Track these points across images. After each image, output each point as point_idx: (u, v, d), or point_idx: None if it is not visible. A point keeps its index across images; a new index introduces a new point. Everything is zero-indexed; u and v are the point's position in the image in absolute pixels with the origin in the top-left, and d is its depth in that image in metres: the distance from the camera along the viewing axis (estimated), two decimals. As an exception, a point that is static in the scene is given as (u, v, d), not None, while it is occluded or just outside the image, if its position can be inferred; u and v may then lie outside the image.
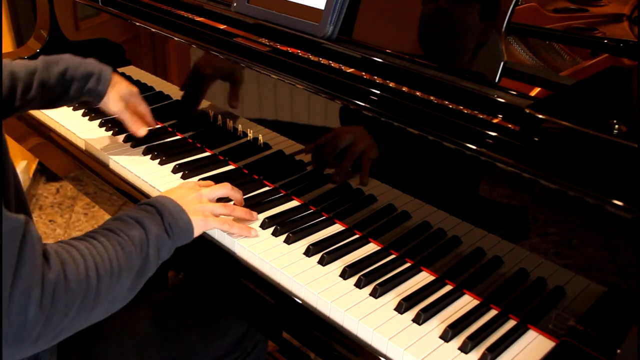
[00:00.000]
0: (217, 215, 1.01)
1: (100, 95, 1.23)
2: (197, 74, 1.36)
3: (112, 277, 0.79)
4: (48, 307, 0.69)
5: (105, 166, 1.31)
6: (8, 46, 2.60)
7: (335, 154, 1.09)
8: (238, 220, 1.06)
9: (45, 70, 1.19)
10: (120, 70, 1.59)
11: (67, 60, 1.22)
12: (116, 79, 1.26)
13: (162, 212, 0.91)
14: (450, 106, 0.95)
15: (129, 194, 1.24)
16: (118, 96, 1.24)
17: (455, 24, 0.99)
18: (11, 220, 0.67)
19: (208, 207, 1.00)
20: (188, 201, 0.98)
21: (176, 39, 1.36)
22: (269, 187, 1.22)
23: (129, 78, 1.57)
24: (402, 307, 0.89)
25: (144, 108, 1.32)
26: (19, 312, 0.66)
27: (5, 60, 1.21)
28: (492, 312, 0.91)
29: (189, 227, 0.95)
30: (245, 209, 1.07)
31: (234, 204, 1.08)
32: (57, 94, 1.22)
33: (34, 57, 1.74)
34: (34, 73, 1.19)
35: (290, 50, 1.19)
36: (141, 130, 1.27)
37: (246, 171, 1.27)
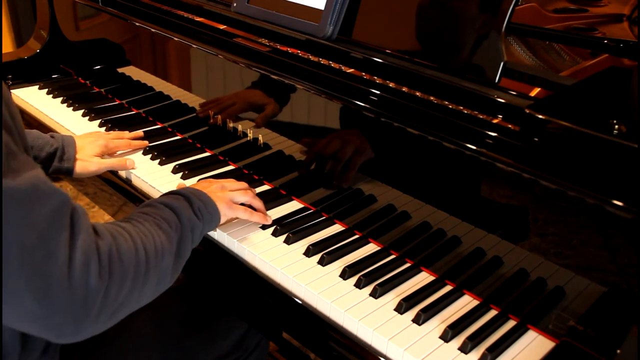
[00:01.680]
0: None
1: (69, 172, 1.18)
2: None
3: (157, 253, 0.80)
4: (106, 278, 0.69)
5: (105, 166, 1.31)
6: (8, 46, 2.60)
7: (335, 154, 1.09)
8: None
9: None
10: (120, 70, 1.59)
11: (33, 139, 1.15)
12: (80, 144, 1.21)
13: (190, 198, 0.94)
14: (450, 106, 0.95)
15: (129, 194, 1.24)
16: (90, 159, 1.20)
17: (455, 24, 0.99)
18: (59, 193, 0.67)
19: (230, 195, 1.04)
20: (211, 190, 1.01)
21: (176, 39, 1.36)
22: (269, 187, 1.22)
23: (128, 78, 1.57)
24: (402, 307, 0.89)
25: (121, 142, 1.30)
26: (81, 283, 0.66)
27: None
28: (492, 312, 0.91)
29: (217, 211, 0.98)
30: (261, 203, 1.10)
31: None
32: None
33: (34, 57, 1.74)
34: None
35: (290, 50, 1.19)
36: (129, 163, 1.25)
37: (246, 171, 1.27)
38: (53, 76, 1.75)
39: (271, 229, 1.07)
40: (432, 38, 1.03)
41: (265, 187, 1.22)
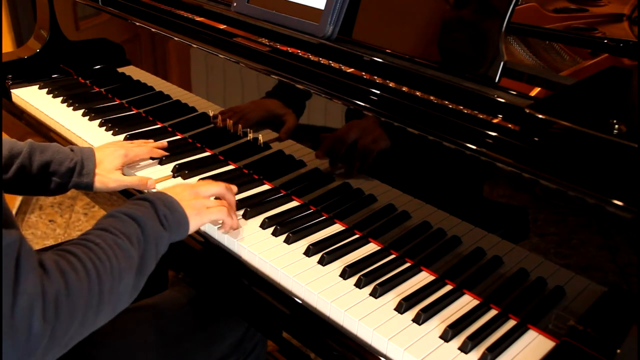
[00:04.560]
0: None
1: (89, 187, 1.14)
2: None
3: (114, 277, 0.77)
4: (52, 320, 0.67)
5: (105, 166, 1.31)
6: (8, 46, 2.60)
7: (336, 154, 1.09)
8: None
9: (27, 157, 1.09)
10: (120, 70, 1.59)
11: (53, 153, 1.12)
12: (99, 157, 1.16)
13: (156, 204, 0.90)
14: (450, 106, 0.95)
15: (129, 194, 1.24)
16: (109, 175, 1.15)
17: (455, 24, 0.99)
18: (6, 236, 0.64)
19: (202, 202, 0.99)
20: (183, 197, 0.97)
21: (176, 39, 1.36)
22: (269, 187, 1.22)
23: (128, 78, 1.57)
24: (402, 307, 0.89)
25: (142, 150, 1.25)
26: (23, 329, 0.64)
27: None
28: (492, 312, 0.91)
29: (184, 219, 0.93)
30: (234, 213, 1.06)
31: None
32: (36, 183, 1.12)
33: (34, 57, 1.74)
34: (17, 156, 1.09)
35: (290, 50, 1.19)
36: (149, 183, 1.19)
37: (246, 171, 1.27)
38: (53, 76, 1.75)
39: (271, 229, 1.07)
40: (432, 38, 1.03)
41: (265, 187, 1.22)
